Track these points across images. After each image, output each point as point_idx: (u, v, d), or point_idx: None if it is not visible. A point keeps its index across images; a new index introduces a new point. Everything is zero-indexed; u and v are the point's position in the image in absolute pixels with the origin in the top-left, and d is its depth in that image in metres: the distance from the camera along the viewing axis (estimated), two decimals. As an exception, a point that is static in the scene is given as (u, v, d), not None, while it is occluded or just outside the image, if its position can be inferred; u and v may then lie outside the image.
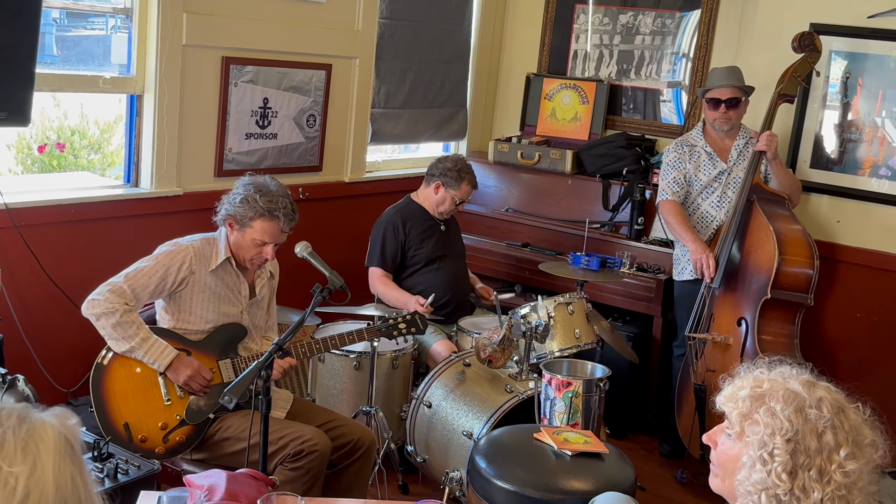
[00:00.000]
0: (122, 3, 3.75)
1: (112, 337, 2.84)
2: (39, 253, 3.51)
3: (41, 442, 1.17)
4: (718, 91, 4.14)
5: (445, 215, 4.21)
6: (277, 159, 4.35)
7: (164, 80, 3.79)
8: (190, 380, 2.88)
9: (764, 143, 3.99)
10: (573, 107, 5.22)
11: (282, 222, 2.98)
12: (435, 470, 3.55)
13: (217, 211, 3.07)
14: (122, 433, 2.84)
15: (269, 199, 2.96)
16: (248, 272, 3.12)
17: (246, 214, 2.96)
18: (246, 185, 3.01)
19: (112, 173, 4.44)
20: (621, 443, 4.43)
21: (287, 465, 2.82)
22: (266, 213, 2.95)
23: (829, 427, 1.49)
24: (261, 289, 3.14)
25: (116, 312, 2.81)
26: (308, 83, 4.40)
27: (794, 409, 1.50)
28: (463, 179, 4.12)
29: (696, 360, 4.05)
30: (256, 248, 2.99)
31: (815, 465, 1.48)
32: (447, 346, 3.91)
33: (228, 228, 3.02)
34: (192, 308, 2.99)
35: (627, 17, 5.11)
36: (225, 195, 3.07)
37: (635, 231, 4.67)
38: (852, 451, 1.48)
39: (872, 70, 4.32)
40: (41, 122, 4.65)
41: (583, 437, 2.76)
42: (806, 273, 3.89)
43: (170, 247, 2.98)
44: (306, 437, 2.83)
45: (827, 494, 1.46)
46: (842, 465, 1.47)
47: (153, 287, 2.90)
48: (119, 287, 2.85)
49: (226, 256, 3.02)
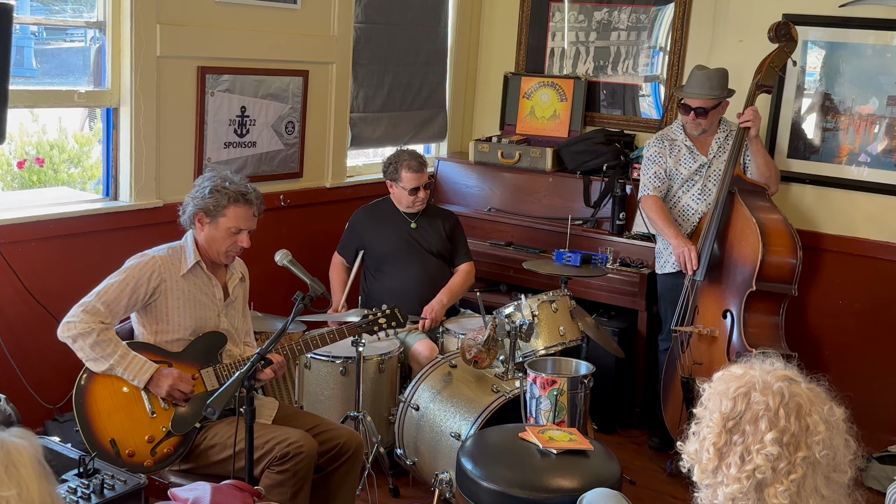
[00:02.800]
0: (96, 17, 3.73)
1: (90, 358, 2.83)
2: (20, 270, 3.50)
3: (20, 464, 1.20)
4: (688, 99, 4.16)
5: (414, 208, 4.20)
6: (257, 167, 4.35)
7: (140, 92, 3.78)
8: (172, 389, 2.87)
9: (749, 116, 3.97)
10: (552, 104, 5.23)
11: (254, 206, 3.03)
12: (425, 472, 3.56)
13: (182, 213, 3.08)
14: (110, 450, 2.83)
15: (237, 186, 3.01)
16: (220, 273, 3.12)
17: (218, 203, 2.98)
18: (211, 178, 3.05)
19: (92, 186, 4.43)
20: (610, 437, 4.45)
21: (274, 468, 2.82)
22: (240, 198, 2.99)
23: (768, 413, 1.52)
24: (234, 289, 3.15)
25: (93, 332, 2.81)
26: (285, 90, 4.40)
27: (743, 393, 1.55)
28: (399, 168, 4.13)
29: (682, 352, 4.07)
30: (231, 237, 3.00)
31: (744, 444, 1.52)
32: (428, 345, 3.92)
33: (198, 225, 3.03)
34: (168, 317, 2.99)
35: (602, 14, 5.12)
36: (188, 196, 3.08)
37: (617, 226, 4.69)
38: (783, 438, 1.50)
39: (848, 58, 4.35)
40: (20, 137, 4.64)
41: (568, 434, 2.77)
42: (790, 263, 3.91)
43: (137, 259, 2.99)
44: (292, 440, 2.83)
45: (745, 472, 1.50)
46: (764, 446, 1.50)
47: (126, 301, 2.90)
48: (92, 306, 2.85)
49: (195, 260, 3.02)
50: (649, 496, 3.93)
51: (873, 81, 4.31)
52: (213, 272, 3.08)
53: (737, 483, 1.51)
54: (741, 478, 1.51)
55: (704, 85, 4.12)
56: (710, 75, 4.13)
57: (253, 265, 3.39)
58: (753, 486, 1.51)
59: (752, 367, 1.63)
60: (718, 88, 4.13)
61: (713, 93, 4.11)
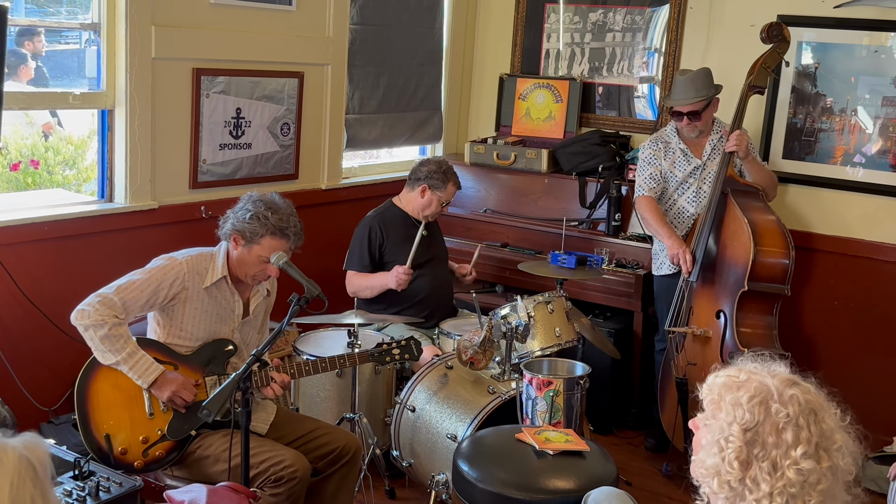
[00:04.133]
0: (90, 19, 3.73)
1: (99, 349, 2.82)
2: (15, 272, 3.49)
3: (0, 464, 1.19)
4: (678, 106, 4.17)
5: (430, 218, 4.21)
6: (252, 169, 4.35)
7: (135, 94, 3.77)
8: (174, 395, 2.86)
9: (734, 142, 3.99)
10: (547, 106, 5.24)
11: (291, 241, 2.99)
12: (421, 474, 3.56)
13: (221, 225, 3.03)
14: (103, 444, 2.82)
15: (280, 218, 2.95)
16: (245, 288, 3.09)
17: (256, 231, 2.93)
18: (255, 202, 2.98)
19: (88, 188, 4.42)
20: (606, 438, 4.45)
21: (267, 489, 2.82)
22: (277, 232, 2.94)
23: (791, 424, 1.49)
24: (255, 307, 3.13)
25: (105, 325, 2.79)
26: (281, 91, 4.39)
27: (759, 401, 1.51)
28: (449, 180, 4.14)
29: (677, 353, 4.08)
30: (261, 264, 2.97)
31: (769, 458, 1.49)
32: (431, 350, 3.92)
33: (233, 244, 2.98)
34: (182, 323, 2.97)
35: (598, 15, 5.13)
36: (231, 210, 3.03)
37: (613, 227, 4.70)
38: (812, 451, 1.48)
39: (842, 59, 4.36)
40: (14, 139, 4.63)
41: (564, 435, 2.77)
42: (782, 263, 3.91)
43: (164, 261, 2.95)
44: (286, 463, 2.82)
45: (777, 489, 1.47)
46: (796, 462, 1.47)
47: (144, 301, 2.87)
48: (109, 299, 2.82)
49: (222, 274, 2.99)
50: (645, 497, 3.94)
51: (868, 82, 4.32)
52: (236, 287, 3.05)
53: (768, 500, 1.48)
54: (773, 494, 1.48)
55: (690, 89, 4.13)
56: (694, 78, 4.14)
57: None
58: (788, 500, 1.48)
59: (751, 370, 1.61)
60: (704, 88, 4.14)
61: (700, 94, 4.12)
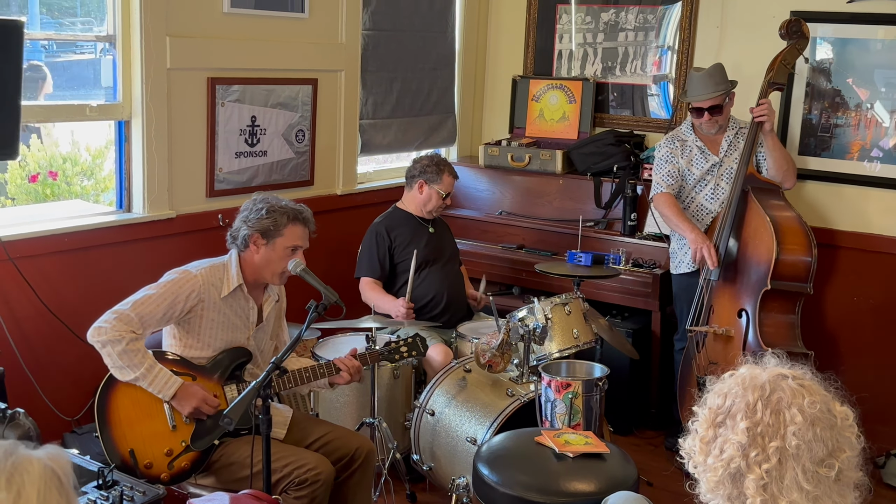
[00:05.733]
0: (106, 31, 3.76)
1: (116, 365, 2.83)
2: (36, 284, 3.52)
3: (26, 473, 1.24)
4: (699, 102, 4.15)
5: (434, 213, 4.23)
6: (268, 176, 4.37)
7: (151, 105, 3.81)
8: (196, 411, 2.88)
9: (763, 111, 3.97)
10: (561, 107, 5.23)
11: (309, 225, 3.07)
12: (442, 477, 3.56)
13: (235, 236, 3.05)
14: (128, 459, 2.84)
15: (291, 205, 3.04)
16: (258, 294, 3.11)
17: (277, 223, 2.98)
18: (263, 200, 3.05)
19: (106, 198, 4.46)
20: (626, 439, 4.45)
21: (291, 492, 2.84)
22: (297, 216, 3.02)
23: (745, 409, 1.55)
24: (268, 313, 3.15)
25: (122, 340, 2.80)
26: (295, 99, 4.42)
27: (730, 389, 1.59)
28: (443, 171, 4.18)
29: (698, 352, 4.06)
30: (288, 256, 3.00)
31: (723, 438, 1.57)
32: (442, 350, 3.92)
33: (253, 247, 3.00)
34: (199, 335, 2.99)
35: (610, 15, 5.12)
36: (238, 218, 3.06)
37: (629, 227, 4.69)
38: (756, 428, 1.53)
39: (857, 54, 4.34)
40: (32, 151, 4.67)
41: (583, 438, 2.77)
42: (805, 262, 3.89)
43: (177, 274, 2.96)
44: (310, 466, 2.84)
45: (721, 462, 1.55)
46: (736, 434, 1.54)
47: (160, 315, 2.88)
48: (126, 315, 2.83)
49: (238, 283, 3.01)
50: (667, 497, 3.92)
51: (884, 76, 4.29)
52: (251, 294, 3.07)
53: (712, 472, 1.56)
54: (717, 467, 1.55)
55: (709, 84, 4.12)
56: (711, 72, 4.15)
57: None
58: (729, 477, 1.54)
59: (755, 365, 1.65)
60: (722, 83, 4.15)
61: (720, 88, 4.12)
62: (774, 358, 1.66)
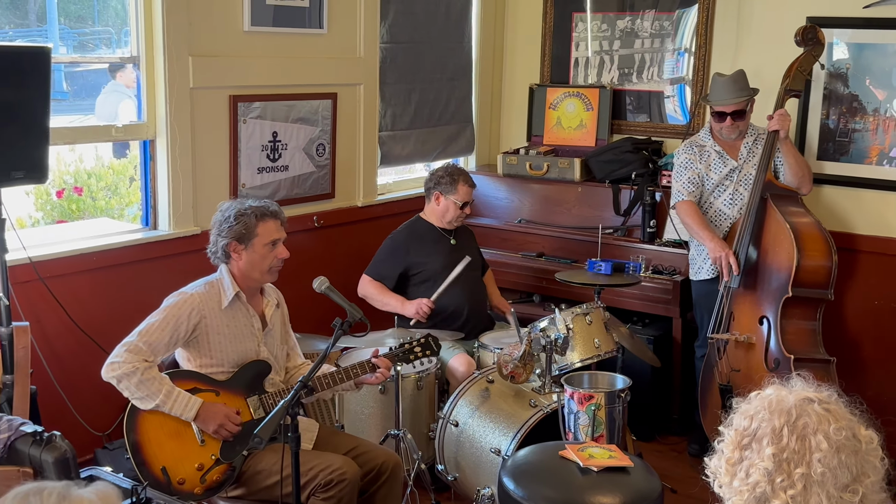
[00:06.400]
0: (130, 52, 3.83)
1: (136, 397, 2.89)
2: (65, 302, 3.60)
3: None
4: (723, 107, 4.17)
5: (455, 223, 4.26)
6: (290, 190, 4.43)
7: (175, 124, 3.87)
8: (220, 429, 2.94)
9: (777, 121, 4.00)
10: (578, 114, 5.26)
11: (279, 217, 3.13)
12: (467, 487, 3.61)
13: (213, 251, 3.13)
14: (161, 478, 2.90)
15: (256, 205, 3.11)
16: (257, 302, 3.18)
17: (249, 224, 3.05)
18: (228, 208, 3.11)
19: (130, 212, 4.53)
20: (649, 445, 4.47)
21: (319, 495, 2.89)
22: (266, 214, 3.09)
23: (771, 433, 1.57)
24: (271, 317, 3.21)
25: (137, 371, 2.87)
26: (315, 113, 4.47)
27: (758, 412, 1.61)
28: (457, 181, 4.20)
29: (719, 359, 4.08)
30: (270, 253, 3.08)
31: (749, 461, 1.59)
32: (464, 359, 3.96)
33: (234, 256, 3.08)
34: (210, 351, 3.05)
35: (625, 22, 5.14)
36: (213, 235, 3.13)
37: (648, 234, 4.71)
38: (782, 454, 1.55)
39: (873, 59, 4.34)
40: (58, 167, 4.76)
41: (607, 451, 2.80)
42: (825, 268, 3.90)
43: (175, 297, 3.04)
44: (335, 467, 2.90)
45: (746, 487, 1.58)
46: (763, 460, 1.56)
47: (167, 339, 2.96)
48: (135, 345, 2.91)
49: (234, 291, 3.08)
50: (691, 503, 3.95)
51: (901, 80, 4.30)
52: (250, 302, 3.15)
53: (738, 496, 1.58)
54: (743, 490, 1.58)
55: (732, 89, 4.14)
56: (735, 78, 4.17)
57: (289, 287, 3.46)
58: (754, 500, 1.57)
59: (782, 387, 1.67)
60: (746, 89, 4.18)
61: (743, 94, 4.15)
62: (801, 380, 1.68)
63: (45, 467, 2.41)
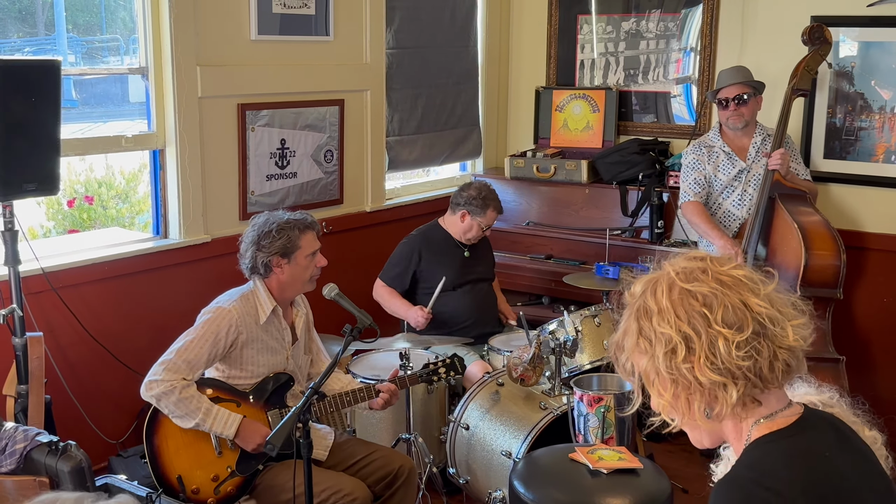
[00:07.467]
0: (138, 63, 3.87)
1: (176, 415, 2.89)
2: (78, 312, 3.63)
3: None
4: (725, 91, 4.18)
5: (472, 241, 4.28)
6: (299, 197, 4.46)
7: (184, 133, 3.90)
8: (259, 447, 2.95)
9: (777, 161, 4.00)
10: (584, 116, 5.27)
11: (316, 227, 3.17)
12: (478, 490, 3.62)
13: (251, 266, 3.08)
14: (176, 485, 2.93)
15: (296, 217, 3.12)
16: (288, 314, 3.19)
17: (292, 237, 3.06)
18: (265, 223, 3.09)
19: (141, 220, 4.57)
20: (660, 445, 4.46)
21: None
22: (307, 226, 3.11)
23: None
24: (300, 329, 3.23)
25: (175, 390, 2.86)
26: (322, 120, 4.50)
27: None
28: (488, 207, 4.18)
29: (728, 359, 4.08)
30: (311, 263, 3.11)
31: None
32: (482, 366, 3.98)
33: (276, 270, 3.06)
34: (242, 365, 3.06)
35: (631, 24, 5.16)
36: (247, 247, 3.09)
37: (656, 235, 4.72)
38: None
39: (879, 57, 4.34)
40: (68, 177, 4.79)
41: (617, 453, 2.82)
42: (833, 266, 3.91)
43: (211, 314, 3.00)
44: (346, 492, 2.92)
45: None
46: None
47: (206, 357, 2.94)
48: (173, 363, 2.89)
49: (272, 306, 3.08)
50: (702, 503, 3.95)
51: (906, 78, 4.30)
52: (283, 315, 3.15)
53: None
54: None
55: (737, 75, 4.19)
56: (739, 68, 4.25)
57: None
58: None
59: None
60: (749, 77, 4.21)
61: (747, 78, 4.18)
62: (804, 384, 1.69)
63: (61, 477, 2.45)
